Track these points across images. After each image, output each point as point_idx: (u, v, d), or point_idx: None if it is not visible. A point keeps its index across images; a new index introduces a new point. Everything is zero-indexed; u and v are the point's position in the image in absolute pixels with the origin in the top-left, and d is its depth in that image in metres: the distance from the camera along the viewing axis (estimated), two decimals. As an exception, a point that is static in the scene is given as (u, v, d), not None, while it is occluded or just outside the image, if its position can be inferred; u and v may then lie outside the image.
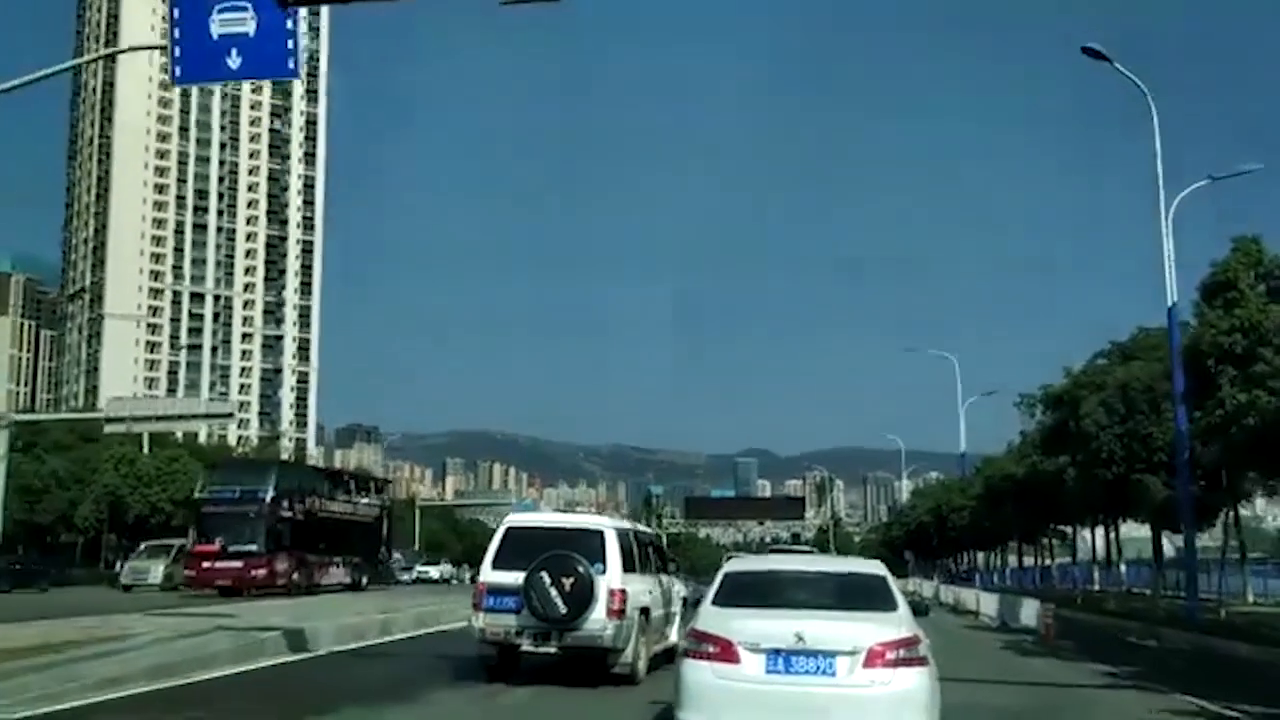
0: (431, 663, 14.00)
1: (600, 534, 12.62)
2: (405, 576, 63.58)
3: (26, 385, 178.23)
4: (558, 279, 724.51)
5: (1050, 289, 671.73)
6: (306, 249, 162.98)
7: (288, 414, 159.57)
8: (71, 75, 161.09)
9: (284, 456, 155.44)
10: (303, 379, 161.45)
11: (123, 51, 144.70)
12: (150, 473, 50.55)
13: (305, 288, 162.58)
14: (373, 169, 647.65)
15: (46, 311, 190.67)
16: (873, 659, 6.97)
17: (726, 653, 7.14)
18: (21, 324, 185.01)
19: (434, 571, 66.37)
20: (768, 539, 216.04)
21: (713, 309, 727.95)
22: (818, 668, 7.01)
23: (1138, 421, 22.48)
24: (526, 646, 12.12)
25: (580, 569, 11.87)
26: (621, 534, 13.11)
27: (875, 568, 8.53)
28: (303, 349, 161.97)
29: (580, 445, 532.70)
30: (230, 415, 47.24)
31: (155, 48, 20.99)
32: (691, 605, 12.85)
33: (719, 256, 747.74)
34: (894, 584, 8.08)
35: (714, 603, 7.83)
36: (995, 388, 53.51)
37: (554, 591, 11.81)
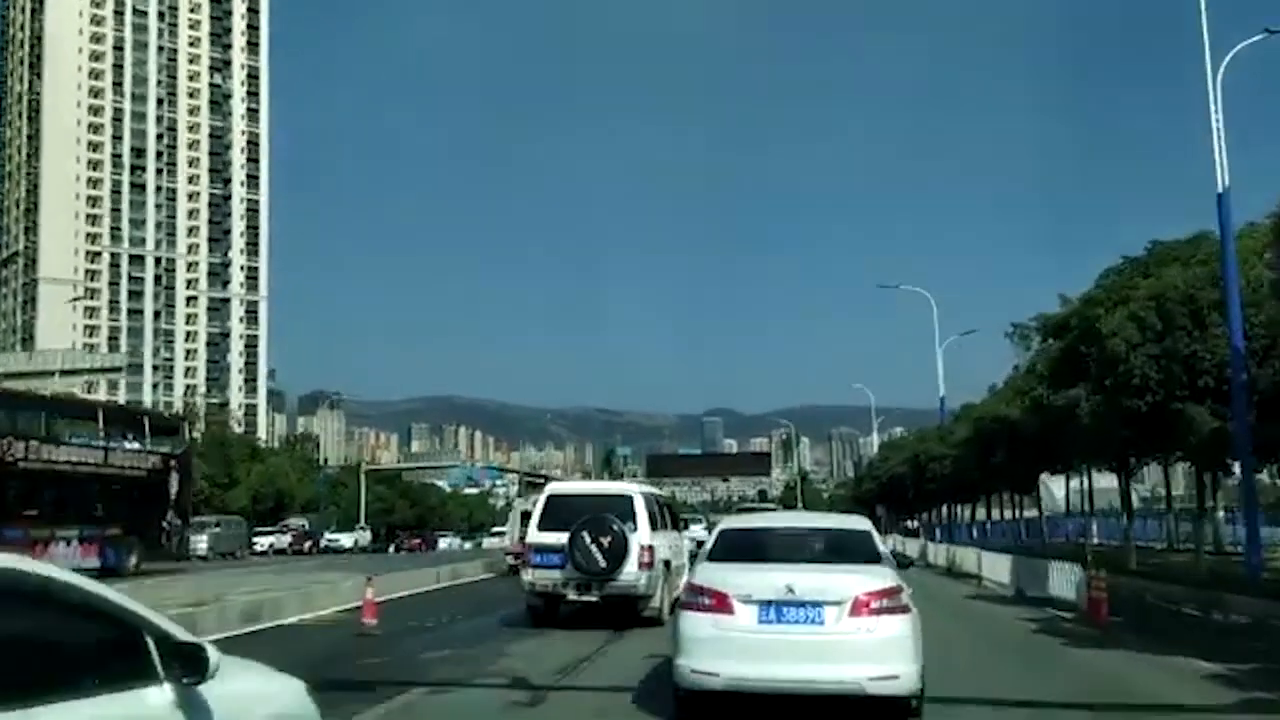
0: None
1: (630, 498, 15.01)
2: (325, 544, 58.78)
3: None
4: (521, 239, 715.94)
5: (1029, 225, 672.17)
6: (252, 208, 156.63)
7: (236, 379, 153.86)
8: (0, 28, 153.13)
9: (233, 424, 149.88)
10: (251, 343, 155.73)
11: None
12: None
13: (252, 248, 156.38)
14: (322, 118, 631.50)
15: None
16: (858, 608, 7.41)
17: (722, 604, 7.61)
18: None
19: (345, 539, 61.63)
20: (735, 498, 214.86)
21: (679, 267, 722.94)
22: (807, 617, 7.45)
23: (1176, 339, 18.48)
24: (571, 596, 14.39)
25: (615, 528, 14.12)
26: (647, 498, 15.38)
27: (860, 523, 9.10)
28: (250, 312, 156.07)
29: (547, 408, 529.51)
30: (120, 369, 41.85)
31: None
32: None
33: (684, 213, 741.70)
34: (878, 538, 8.66)
35: (710, 558, 8.40)
36: (973, 328, 49.64)
37: (594, 548, 14.00)
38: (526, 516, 18.74)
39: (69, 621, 3.05)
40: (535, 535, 14.93)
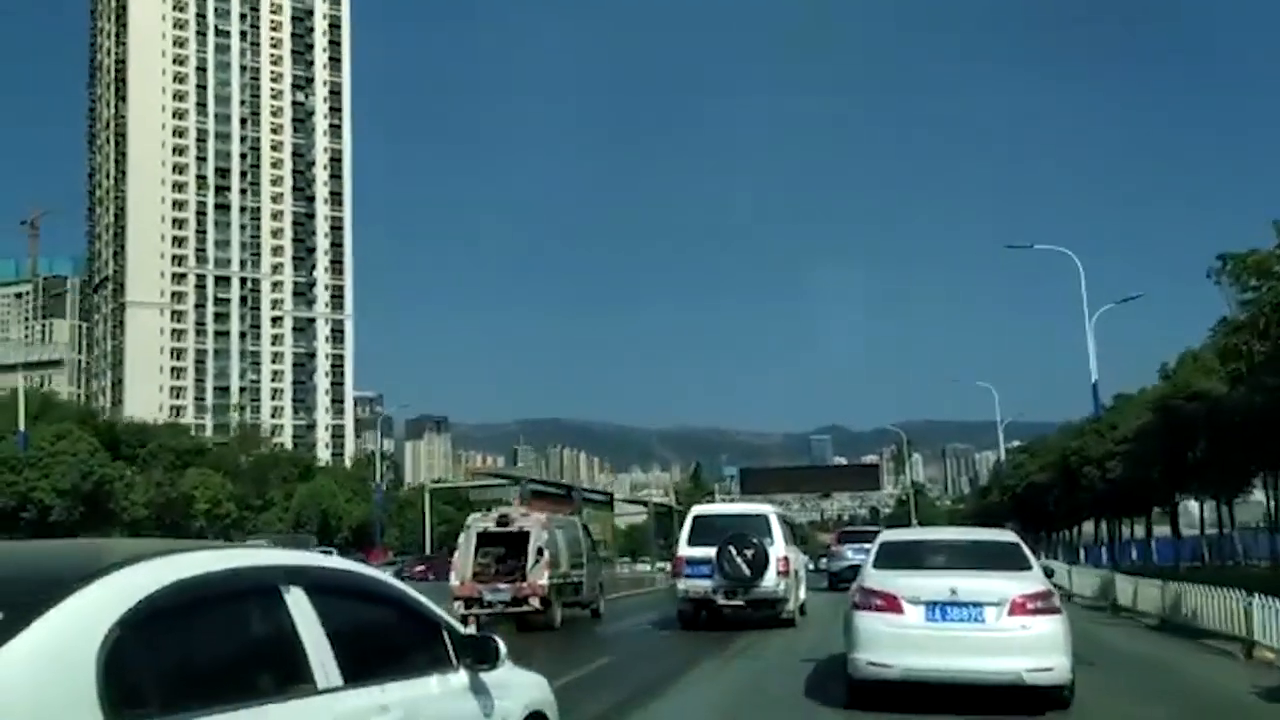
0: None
1: (765, 517, 18.15)
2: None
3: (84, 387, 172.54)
4: (620, 256, 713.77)
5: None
6: (336, 225, 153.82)
7: (323, 400, 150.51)
8: (88, 56, 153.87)
9: (322, 446, 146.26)
10: (337, 362, 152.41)
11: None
12: (18, 456, 39.81)
13: (336, 266, 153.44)
14: (405, 136, 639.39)
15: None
16: (1015, 608, 8.60)
17: (892, 605, 8.89)
18: (80, 326, 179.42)
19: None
20: (845, 517, 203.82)
21: (786, 282, 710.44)
22: (969, 616, 8.67)
23: None
24: (721, 600, 17.01)
25: (756, 542, 16.87)
26: (779, 516, 18.68)
27: (1008, 535, 10.78)
28: (336, 331, 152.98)
29: (653, 429, 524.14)
30: (59, 363, 35.79)
31: None
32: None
33: (792, 227, 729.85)
34: (1026, 548, 9.92)
35: (874, 566, 9.69)
36: (1135, 294, 38.65)
37: (739, 560, 16.65)
38: (484, 538, 18.01)
39: (395, 616, 3.72)
40: (685, 550, 17.16)
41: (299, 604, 3.08)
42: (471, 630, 4.17)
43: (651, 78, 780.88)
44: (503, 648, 3.91)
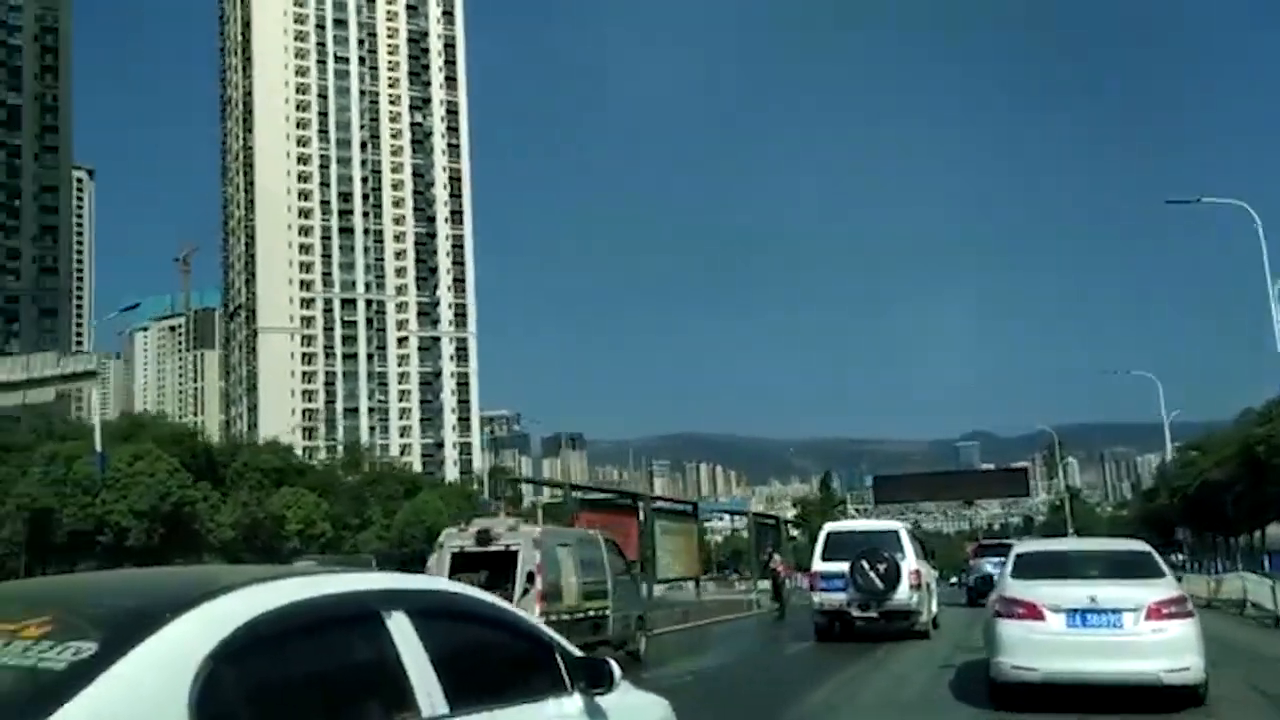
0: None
1: (896, 532, 18.82)
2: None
3: (225, 413, 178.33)
4: (749, 264, 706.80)
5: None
6: (457, 244, 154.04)
7: (450, 418, 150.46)
8: (219, 89, 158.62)
9: (450, 465, 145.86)
10: (463, 380, 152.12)
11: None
12: (94, 477, 38.05)
13: (458, 285, 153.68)
14: (524, 152, 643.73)
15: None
16: (1151, 614, 9.16)
17: (1033, 613, 9.44)
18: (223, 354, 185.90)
19: None
20: (995, 526, 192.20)
21: (925, 289, 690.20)
22: (1108, 622, 9.24)
23: None
24: (855, 613, 17.69)
25: (888, 556, 17.48)
26: (910, 532, 19.35)
27: (1141, 545, 11.27)
28: (460, 349, 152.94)
29: (791, 440, 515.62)
30: (92, 374, 33.44)
31: None
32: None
33: (928, 228, 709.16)
34: (1158, 557, 10.49)
35: (1013, 576, 10.23)
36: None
37: (872, 574, 17.22)
38: (461, 561, 14.58)
39: (504, 638, 3.54)
40: (820, 565, 18.15)
41: (401, 629, 2.93)
42: (581, 653, 3.76)
43: (764, 84, 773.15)
44: (617, 671, 3.66)
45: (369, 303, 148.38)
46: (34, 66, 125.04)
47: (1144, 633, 9.09)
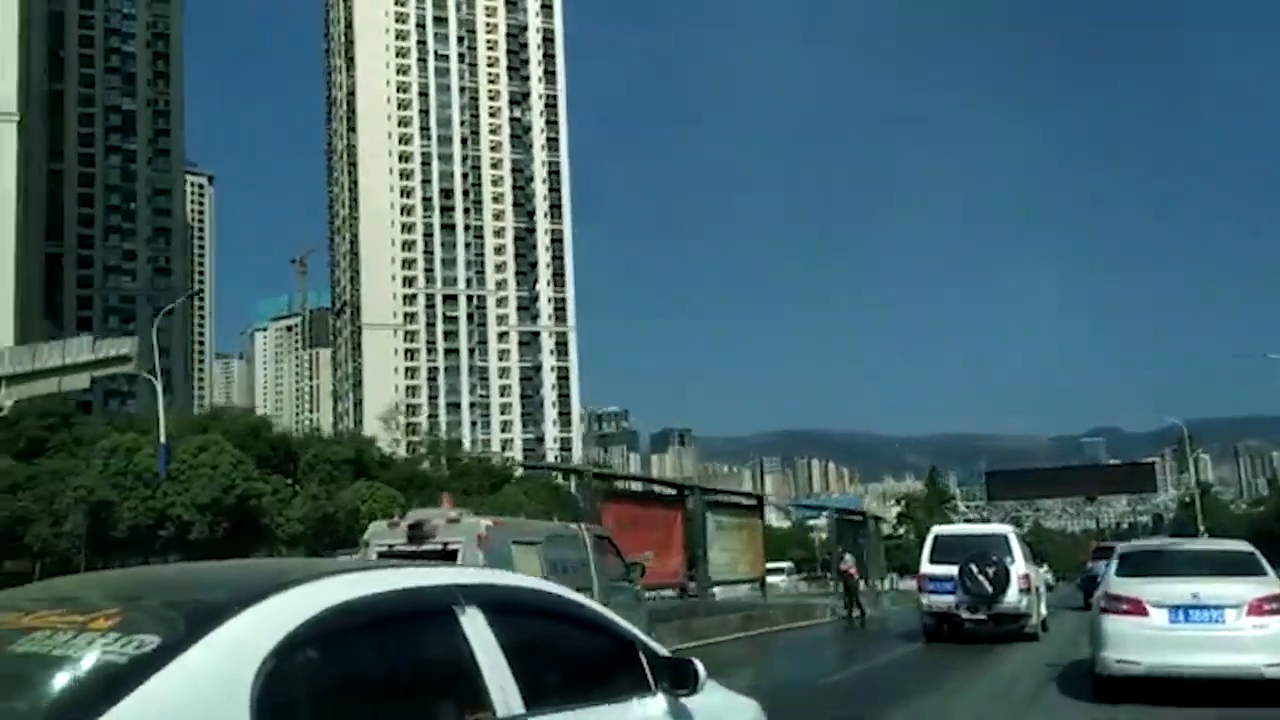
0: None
1: (1005, 537, 19.00)
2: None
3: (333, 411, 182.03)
4: (862, 257, 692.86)
5: None
6: (556, 238, 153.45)
7: (550, 413, 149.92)
8: (324, 91, 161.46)
9: (551, 459, 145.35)
10: (563, 375, 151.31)
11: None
12: (154, 469, 37.24)
13: (558, 279, 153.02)
14: (625, 143, 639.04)
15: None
16: (1253, 610, 9.46)
17: (1137, 609, 9.86)
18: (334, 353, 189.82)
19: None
20: (1123, 525, 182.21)
21: (1047, 280, 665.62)
22: (1210, 617, 9.54)
23: None
24: (964, 615, 17.80)
25: (997, 560, 17.60)
26: (1018, 535, 19.85)
27: (1244, 545, 11.63)
28: (560, 344, 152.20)
29: (906, 437, 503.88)
30: (127, 359, 31.96)
31: None
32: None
33: (1056, 218, 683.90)
34: (1261, 556, 10.71)
35: (1118, 574, 10.68)
36: None
37: (981, 577, 17.34)
38: (388, 558, 11.68)
39: (584, 635, 3.43)
40: (928, 567, 18.31)
41: (475, 625, 2.83)
42: (666, 652, 3.58)
43: (877, 77, 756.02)
44: (702, 670, 3.45)
45: (470, 298, 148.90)
46: (147, 72, 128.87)
47: (1245, 628, 9.42)
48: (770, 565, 54.28)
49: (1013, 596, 17.53)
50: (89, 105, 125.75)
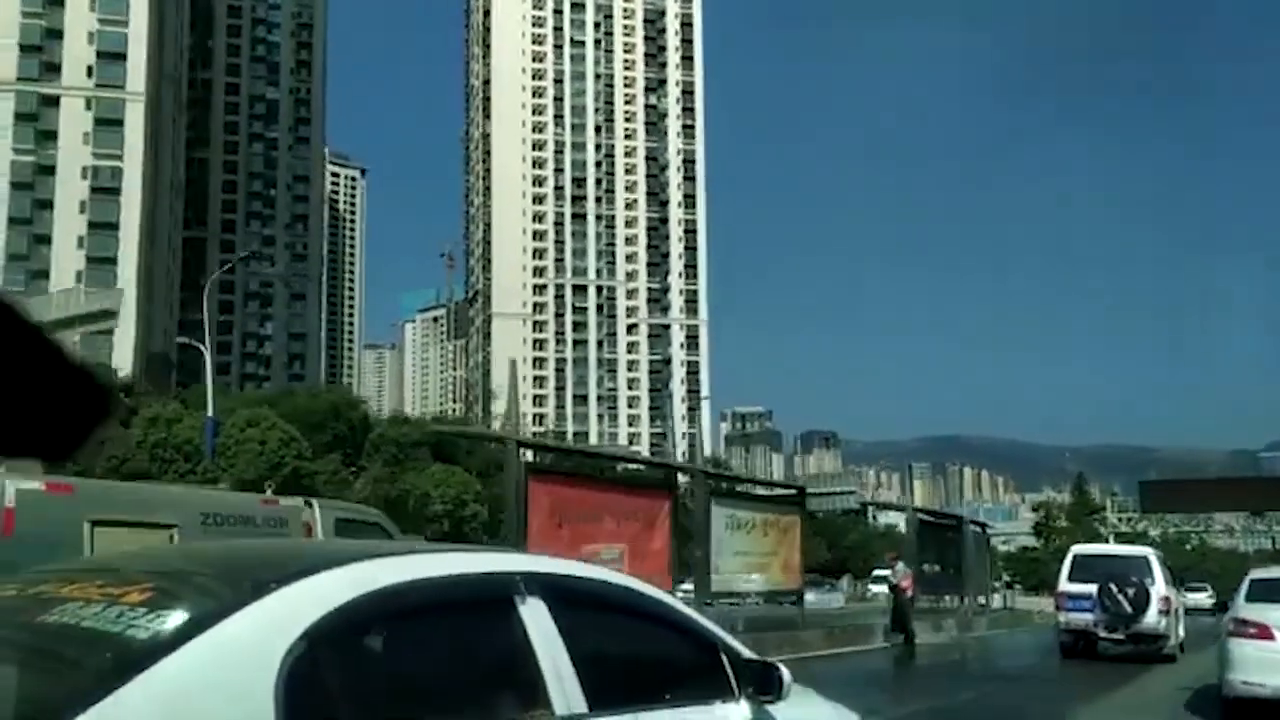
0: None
1: (1146, 558, 19.11)
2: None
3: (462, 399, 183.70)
4: (1026, 258, 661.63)
5: None
6: (689, 229, 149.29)
7: (679, 408, 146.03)
8: (463, 80, 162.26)
9: (679, 455, 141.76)
10: (693, 369, 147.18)
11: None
12: (195, 441, 35.02)
13: (690, 271, 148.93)
14: (763, 133, 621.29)
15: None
16: None
17: (1263, 633, 10.08)
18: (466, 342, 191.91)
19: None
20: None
21: (1223, 281, 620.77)
22: None
23: None
24: (1102, 634, 18.00)
25: (1137, 581, 17.83)
26: (1159, 558, 19.52)
27: None
28: (691, 337, 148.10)
29: (1068, 446, 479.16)
30: (111, 314, 29.26)
31: None
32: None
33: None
34: None
35: (1246, 599, 11.04)
36: None
37: (1121, 597, 17.62)
38: None
39: (659, 633, 3.20)
40: (1066, 585, 18.59)
41: (537, 616, 2.65)
42: (753, 655, 3.32)
43: (1037, 65, 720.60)
44: (787, 676, 3.23)
45: (600, 289, 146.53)
46: (290, 61, 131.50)
47: None
48: (878, 572, 49.18)
49: (1152, 617, 17.74)
50: (234, 94, 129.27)
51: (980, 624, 27.21)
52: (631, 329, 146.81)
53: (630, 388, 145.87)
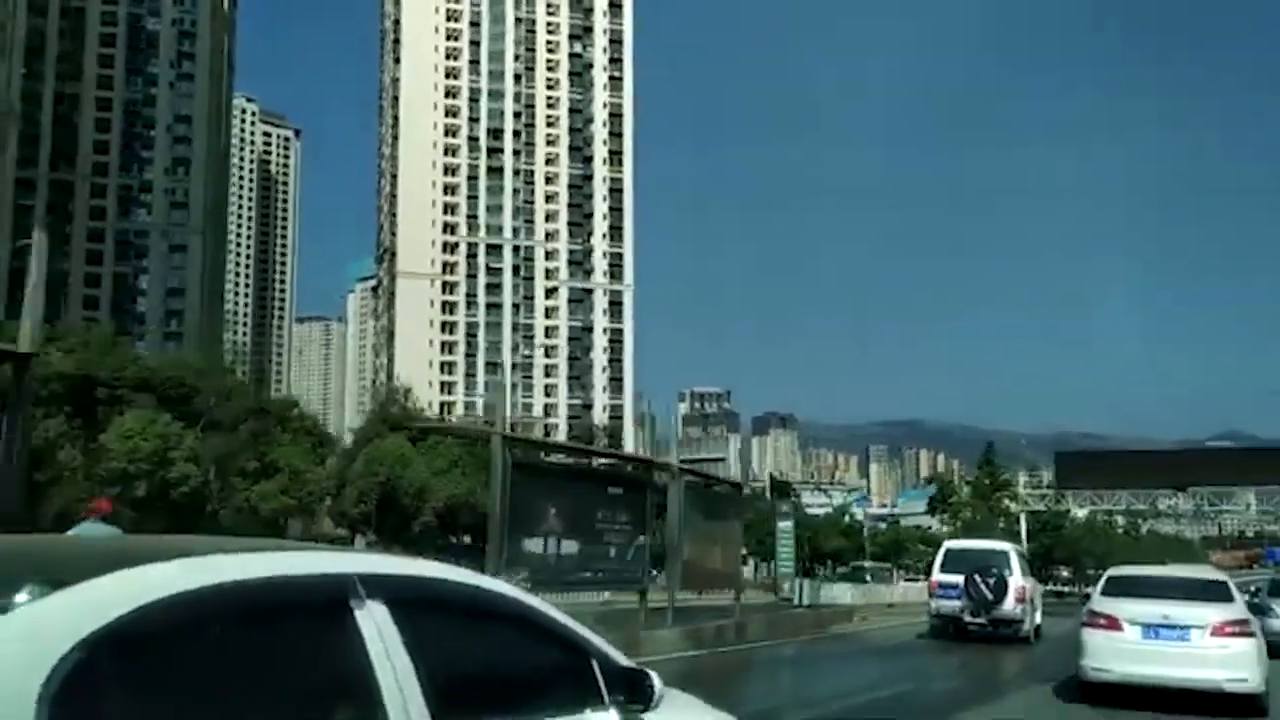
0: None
1: (1007, 553, 21.47)
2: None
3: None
4: (988, 238, 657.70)
5: None
6: (615, 188, 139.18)
7: (600, 379, 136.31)
8: (378, 27, 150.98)
9: (600, 428, 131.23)
10: (616, 337, 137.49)
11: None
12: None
13: (615, 232, 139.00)
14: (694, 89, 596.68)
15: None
16: (1216, 631, 10.79)
17: (1112, 624, 11.30)
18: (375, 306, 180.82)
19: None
20: (1250, 532, 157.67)
21: (1152, 281, 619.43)
22: (1178, 636, 10.89)
23: None
24: (967, 619, 20.15)
25: (997, 571, 20.02)
26: (1018, 552, 22.40)
27: (1217, 574, 13.79)
28: (615, 303, 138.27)
29: (1023, 433, 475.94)
30: None
31: None
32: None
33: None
34: (1232, 585, 12.12)
35: (1102, 593, 12.17)
36: None
37: (984, 586, 19.78)
38: None
39: (522, 640, 2.96)
40: (939, 575, 20.93)
41: (376, 622, 2.41)
42: (628, 662, 3.16)
43: (1008, 49, 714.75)
44: (658, 683, 3.07)
45: (516, 249, 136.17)
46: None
47: (1209, 647, 10.77)
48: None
49: (1009, 604, 19.94)
50: (111, 25, 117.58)
51: (741, 631, 17.94)
52: (551, 293, 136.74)
53: (548, 356, 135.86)
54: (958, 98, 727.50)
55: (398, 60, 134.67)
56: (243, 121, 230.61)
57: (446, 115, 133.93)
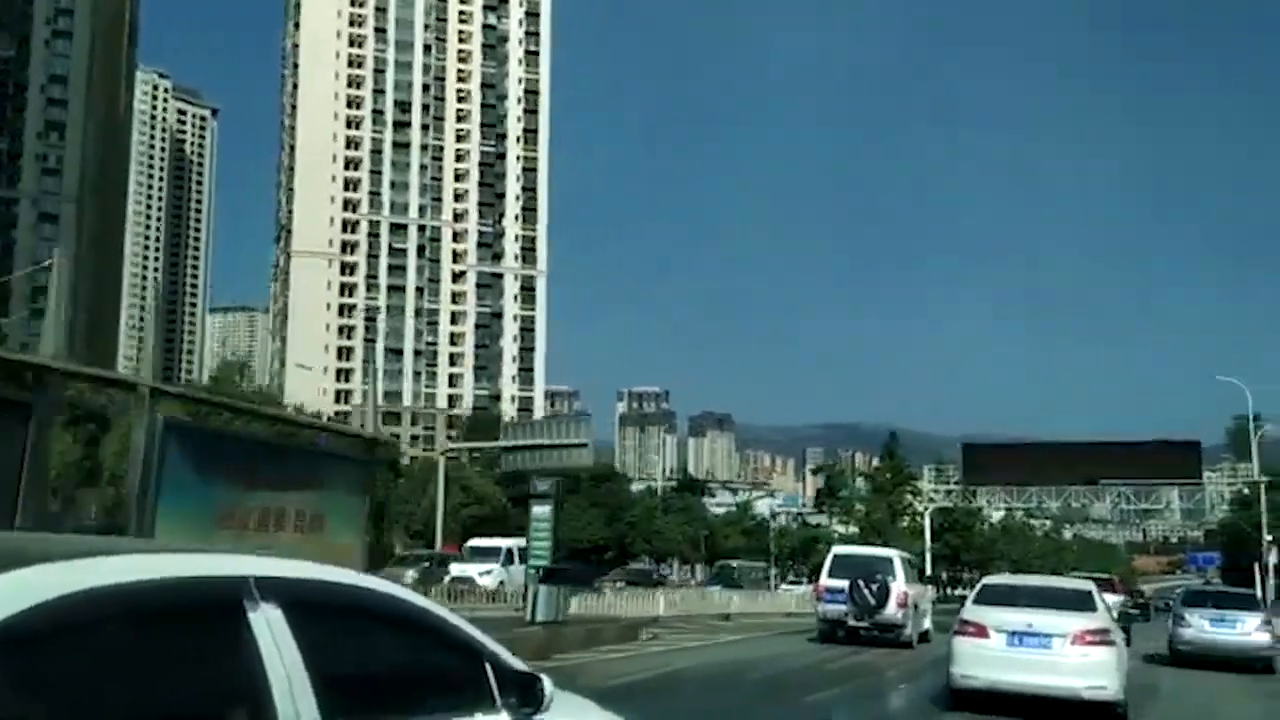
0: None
1: (891, 559, 22.29)
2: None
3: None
4: (926, 249, 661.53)
5: None
6: (529, 167, 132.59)
7: (509, 368, 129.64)
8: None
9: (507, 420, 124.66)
10: (528, 325, 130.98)
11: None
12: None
13: (529, 214, 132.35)
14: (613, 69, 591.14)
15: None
16: (1077, 640, 11.06)
17: (981, 633, 11.46)
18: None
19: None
20: (1175, 538, 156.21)
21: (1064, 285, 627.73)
22: (1041, 644, 11.14)
23: None
24: (851, 622, 20.84)
25: (881, 578, 20.83)
26: (903, 559, 22.96)
27: (1083, 584, 13.45)
28: (527, 289, 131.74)
29: (955, 435, 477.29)
30: None
31: None
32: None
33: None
34: (1097, 594, 12.36)
35: (974, 602, 12.53)
36: None
37: (867, 591, 20.53)
38: None
39: (416, 643, 3.01)
40: (826, 580, 21.68)
41: (270, 624, 2.42)
42: (521, 665, 3.21)
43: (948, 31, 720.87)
44: (549, 686, 3.12)
45: (422, 229, 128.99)
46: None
47: (1071, 655, 11.00)
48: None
49: (891, 609, 20.57)
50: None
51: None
52: (458, 277, 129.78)
53: (454, 343, 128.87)
54: (897, 47, 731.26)
55: (297, 25, 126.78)
56: (154, 98, 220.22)
57: (349, 85, 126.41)
